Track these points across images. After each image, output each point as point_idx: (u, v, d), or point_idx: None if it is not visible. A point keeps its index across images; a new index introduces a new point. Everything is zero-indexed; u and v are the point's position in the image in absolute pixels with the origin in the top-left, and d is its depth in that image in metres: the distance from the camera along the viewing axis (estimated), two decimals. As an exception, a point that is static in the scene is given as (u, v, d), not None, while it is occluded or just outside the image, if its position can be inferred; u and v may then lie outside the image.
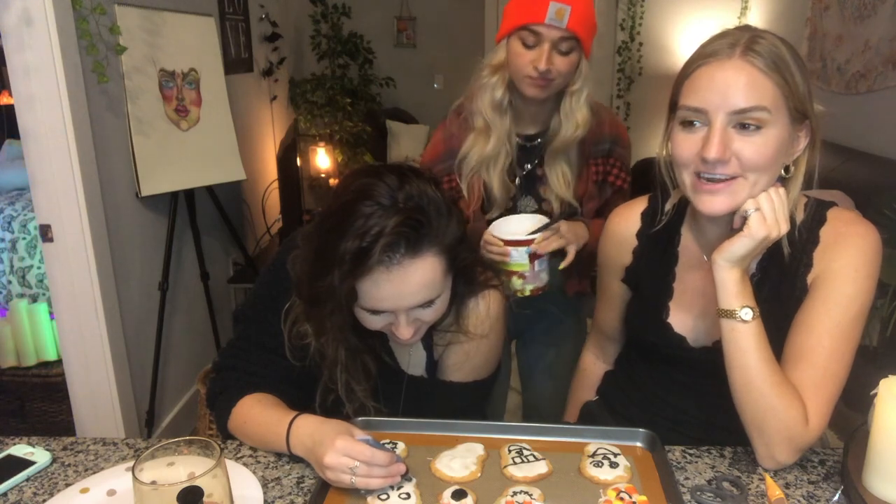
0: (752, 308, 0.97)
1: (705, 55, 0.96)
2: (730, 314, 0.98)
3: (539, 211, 1.56)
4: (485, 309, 1.14)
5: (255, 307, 1.16)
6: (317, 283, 0.99)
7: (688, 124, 0.97)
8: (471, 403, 1.21)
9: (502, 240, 1.40)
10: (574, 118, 1.48)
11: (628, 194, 1.64)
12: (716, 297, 1.08)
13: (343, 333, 1.07)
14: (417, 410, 1.16)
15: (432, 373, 1.20)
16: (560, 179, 1.54)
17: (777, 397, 0.95)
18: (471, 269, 1.10)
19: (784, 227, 0.96)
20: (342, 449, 0.92)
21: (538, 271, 1.42)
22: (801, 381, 0.98)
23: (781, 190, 0.98)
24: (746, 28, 0.98)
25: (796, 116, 0.96)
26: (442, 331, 1.14)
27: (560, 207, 1.55)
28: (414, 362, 1.18)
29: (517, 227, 1.47)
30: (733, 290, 0.97)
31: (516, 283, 1.41)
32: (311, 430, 0.99)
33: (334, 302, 0.99)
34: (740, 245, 0.96)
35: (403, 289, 0.97)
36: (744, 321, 0.97)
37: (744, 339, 0.97)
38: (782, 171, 1.00)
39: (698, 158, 0.96)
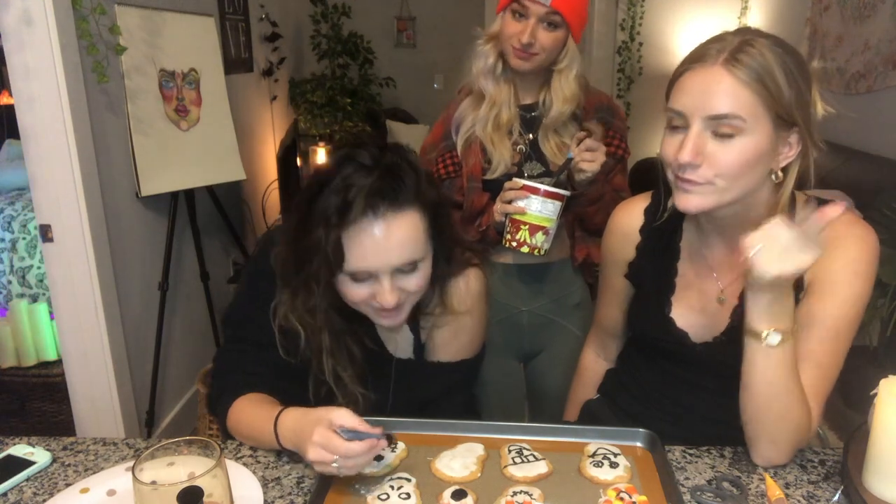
0: (782, 331, 0.91)
1: (693, 59, 0.98)
2: (754, 335, 0.92)
3: (545, 174, 1.59)
4: (465, 286, 1.17)
5: (242, 307, 1.18)
6: (303, 240, 1.02)
7: (672, 126, 1.00)
8: (459, 384, 1.23)
9: (543, 189, 1.41)
10: (562, 94, 1.55)
11: (627, 166, 1.69)
12: (717, 293, 1.08)
13: (328, 315, 1.09)
14: (407, 393, 1.18)
15: (420, 355, 1.21)
16: (557, 152, 1.58)
17: (798, 409, 0.96)
18: (451, 248, 1.14)
19: (808, 258, 0.86)
20: (319, 443, 0.93)
21: (555, 231, 1.45)
22: (804, 382, 0.98)
23: (781, 226, 0.87)
24: (742, 31, 0.98)
25: (781, 123, 0.95)
26: (428, 313, 1.16)
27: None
28: (402, 346, 1.20)
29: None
30: (760, 311, 0.91)
31: (539, 238, 1.43)
32: (292, 425, 1.00)
33: (321, 258, 1.00)
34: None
35: (388, 243, 0.99)
36: (769, 346, 0.91)
37: (772, 359, 0.92)
38: (772, 177, 1.00)
39: (676, 160, 0.98)
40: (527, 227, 1.42)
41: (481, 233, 1.57)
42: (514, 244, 1.45)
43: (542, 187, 1.41)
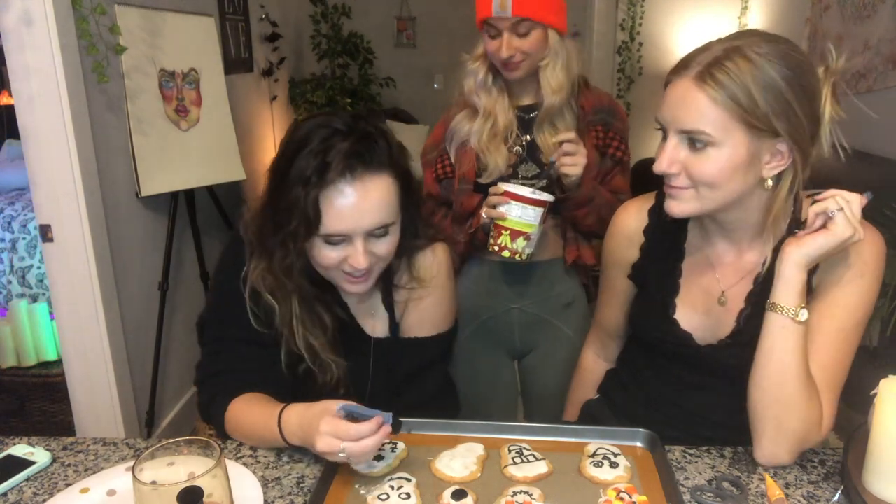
0: (807, 310, 0.96)
1: (676, 69, 1.00)
2: (786, 311, 0.96)
3: (540, 175, 1.59)
4: (433, 258, 1.23)
5: (220, 308, 1.19)
6: (282, 200, 1.04)
7: (662, 134, 1.02)
8: (436, 358, 1.27)
9: (523, 196, 1.41)
10: (549, 87, 1.55)
11: (629, 167, 1.68)
12: (719, 294, 1.08)
13: (300, 280, 1.11)
14: (386, 373, 1.21)
15: (396, 334, 1.24)
16: (551, 147, 1.57)
17: (807, 399, 0.97)
18: (419, 221, 1.19)
19: (862, 232, 0.94)
20: (328, 432, 0.94)
21: (538, 236, 1.45)
22: None
23: (854, 196, 0.95)
24: (734, 37, 0.98)
25: (760, 134, 0.95)
26: (398, 286, 1.21)
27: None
28: (378, 326, 1.23)
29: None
30: (797, 289, 0.96)
31: (520, 244, 1.43)
32: (297, 420, 1.01)
33: (300, 216, 1.02)
34: (824, 242, 0.94)
35: (363, 205, 1.03)
36: (799, 322, 0.96)
37: (793, 338, 0.96)
38: (764, 185, 1.00)
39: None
40: (508, 232, 1.42)
41: (470, 234, 1.58)
42: (497, 249, 1.44)
43: (523, 193, 1.40)
